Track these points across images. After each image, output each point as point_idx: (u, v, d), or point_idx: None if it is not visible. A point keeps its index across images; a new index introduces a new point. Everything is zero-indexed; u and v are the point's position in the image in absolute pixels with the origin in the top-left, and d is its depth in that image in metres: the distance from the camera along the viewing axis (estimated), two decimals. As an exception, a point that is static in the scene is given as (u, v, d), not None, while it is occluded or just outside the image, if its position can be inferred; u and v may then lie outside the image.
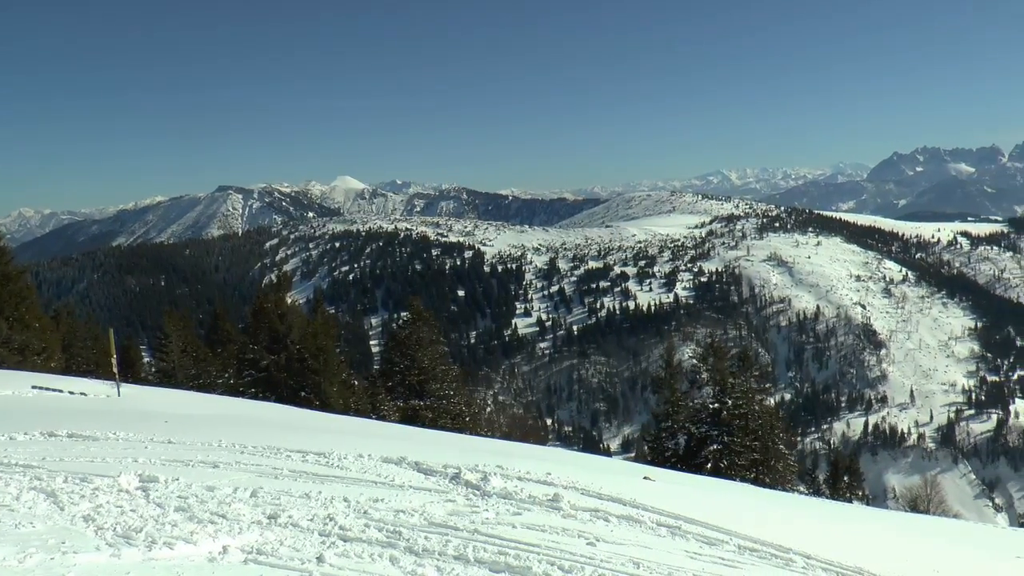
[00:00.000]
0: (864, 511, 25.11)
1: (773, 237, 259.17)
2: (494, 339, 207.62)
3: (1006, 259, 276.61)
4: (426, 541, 8.13)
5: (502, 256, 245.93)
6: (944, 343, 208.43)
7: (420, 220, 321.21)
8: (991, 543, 18.27)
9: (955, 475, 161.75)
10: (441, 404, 37.00)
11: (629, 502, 11.15)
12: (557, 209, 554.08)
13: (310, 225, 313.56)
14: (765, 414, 34.55)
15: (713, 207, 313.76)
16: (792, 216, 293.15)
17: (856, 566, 9.80)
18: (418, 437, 20.60)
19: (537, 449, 25.17)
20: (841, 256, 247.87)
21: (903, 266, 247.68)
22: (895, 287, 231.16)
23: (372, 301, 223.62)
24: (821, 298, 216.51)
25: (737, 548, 9.79)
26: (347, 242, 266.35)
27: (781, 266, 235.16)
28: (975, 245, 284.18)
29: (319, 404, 31.42)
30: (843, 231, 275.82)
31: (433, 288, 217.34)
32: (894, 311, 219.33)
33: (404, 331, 38.79)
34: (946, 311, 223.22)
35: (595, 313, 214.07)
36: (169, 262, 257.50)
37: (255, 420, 19.58)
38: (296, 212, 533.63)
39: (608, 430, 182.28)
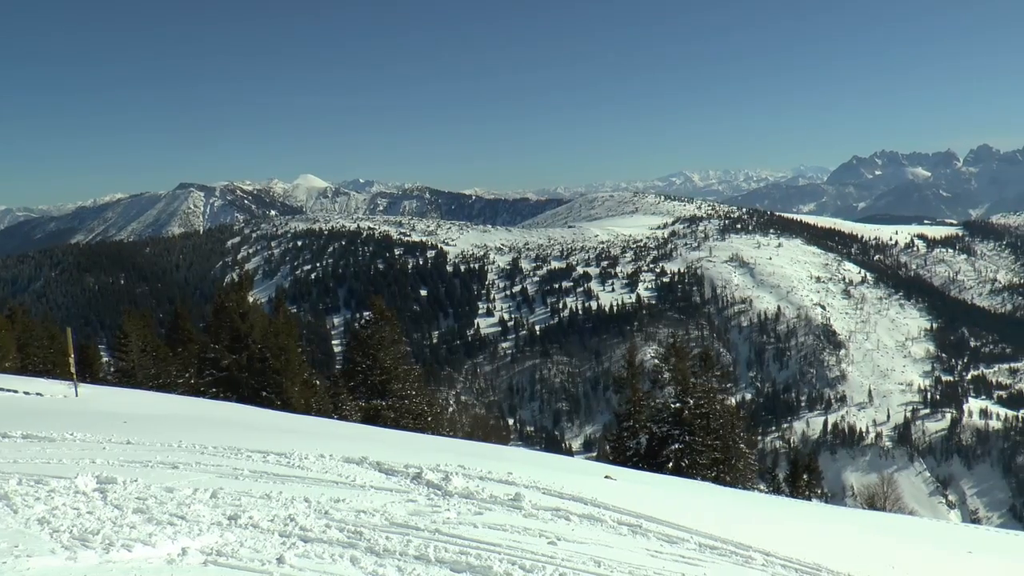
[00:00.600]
0: (823, 509, 25.39)
1: (735, 238, 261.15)
2: (456, 339, 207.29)
3: (960, 261, 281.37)
4: (387, 541, 8.11)
5: (465, 256, 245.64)
6: (901, 343, 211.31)
7: (383, 219, 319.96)
8: (944, 539, 18.55)
9: (911, 473, 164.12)
10: (403, 404, 36.88)
11: (591, 501, 11.19)
12: (520, 209, 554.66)
13: (272, 223, 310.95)
14: (726, 413, 34.80)
15: (675, 208, 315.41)
16: (754, 218, 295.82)
17: (815, 563, 9.91)
18: (380, 437, 20.54)
19: (499, 449, 25.18)
20: (802, 257, 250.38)
21: (862, 268, 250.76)
22: (854, 288, 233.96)
23: (334, 300, 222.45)
24: (782, 299, 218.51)
25: (698, 546, 9.86)
26: (309, 241, 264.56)
27: (743, 267, 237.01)
28: (931, 248, 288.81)
29: (281, 404, 31.22)
30: (804, 233, 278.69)
31: (396, 287, 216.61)
32: (853, 312, 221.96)
33: (366, 331, 38.65)
34: (903, 312, 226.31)
35: (558, 313, 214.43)
36: (129, 260, 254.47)
37: (216, 420, 19.43)
38: (258, 210, 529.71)
39: (570, 430, 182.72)
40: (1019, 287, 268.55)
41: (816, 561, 10.00)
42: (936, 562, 13.47)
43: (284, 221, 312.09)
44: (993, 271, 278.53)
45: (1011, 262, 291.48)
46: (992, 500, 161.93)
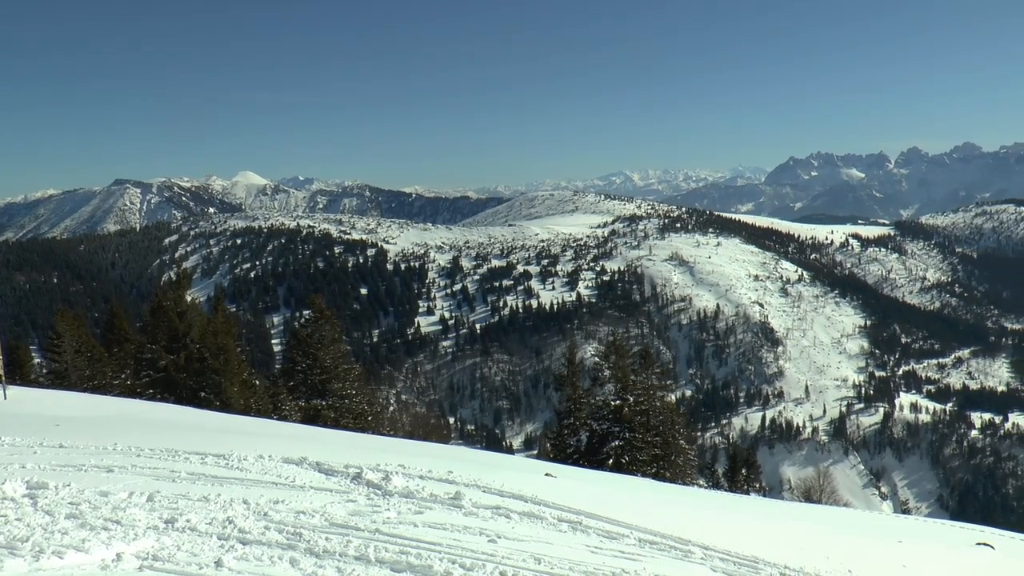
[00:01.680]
0: (761, 502, 25.74)
1: (674, 237, 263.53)
2: (397, 337, 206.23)
3: (892, 260, 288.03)
4: (327, 542, 8.07)
5: (405, 254, 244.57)
6: (837, 340, 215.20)
7: (323, 217, 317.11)
8: (877, 529, 19.00)
9: (846, 466, 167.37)
10: (343, 403, 36.64)
11: (531, 499, 11.24)
12: (460, 207, 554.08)
13: (211, 221, 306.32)
14: (666, 410, 35.12)
15: (615, 207, 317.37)
16: (693, 217, 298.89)
17: (752, 555, 10.08)
18: (320, 437, 20.40)
19: (439, 448, 25.15)
20: (740, 256, 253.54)
21: (799, 266, 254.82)
22: (791, 287, 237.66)
23: (274, 299, 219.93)
24: (721, 297, 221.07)
25: (637, 541, 9.96)
26: (249, 239, 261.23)
27: (682, 266, 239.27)
28: (865, 247, 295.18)
29: (219, 405, 30.83)
30: (742, 232, 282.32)
31: (336, 286, 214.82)
32: (790, 310, 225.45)
33: (306, 330, 38.30)
34: (839, 310, 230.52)
35: (498, 311, 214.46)
36: (62, 258, 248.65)
37: (152, 422, 19.13)
38: (197, 208, 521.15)
39: (511, 428, 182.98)
40: (946, 285, 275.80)
41: (754, 553, 10.17)
42: (868, 551, 13.79)
43: (223, 219, 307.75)
44: (923, 270, 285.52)
45: (939, 261, 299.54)
46: (921, 491, 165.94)
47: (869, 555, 13.30)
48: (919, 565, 13.26)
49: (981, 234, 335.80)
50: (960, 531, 23.24)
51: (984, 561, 15.57)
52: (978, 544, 18.84)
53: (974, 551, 17.26)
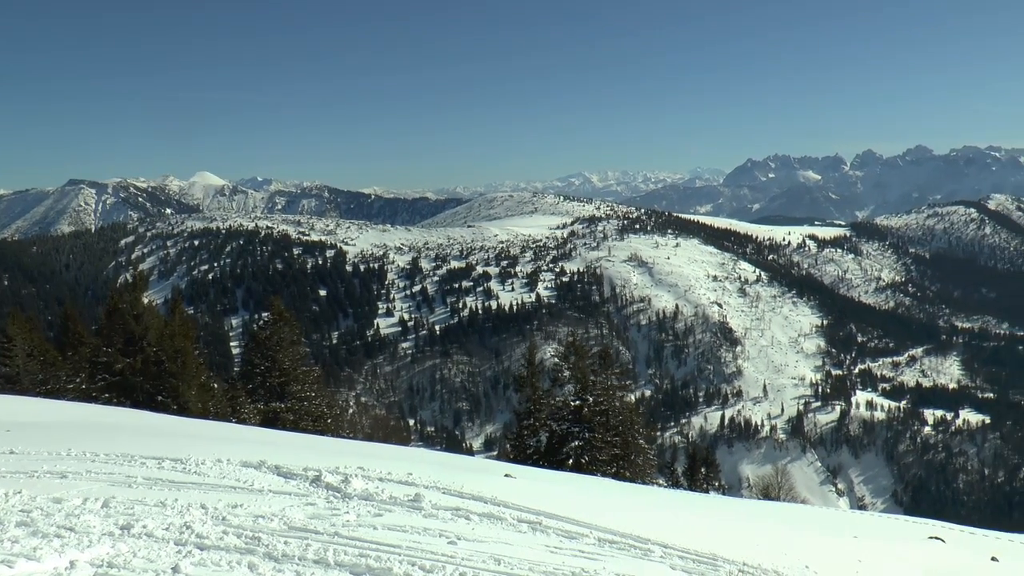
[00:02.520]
0: (720, 500, 25.97)
1: (633, 238, 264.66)
2: (356, 339, 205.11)
3: (848, 261, 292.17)
4: (285, 546, 8.03)
5: (364, 255, 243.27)
6: (794, 340, 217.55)
7: (282, 218, 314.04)
8: (833, 525, 19.28)
9: (803, 463, 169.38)
10: (302, 406, 36.36)
11: (490, 500, 11.26)
12: (420, 208, 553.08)
13: (168, 222, 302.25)
14: (625, 410, 35.26)
15: (575, 208, 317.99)
16: (652, 218, 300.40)
17: (711, 552, 10.18)
18: (278, 440, 20.27)
19: (399, 450, 25.07)
20: (699, 257, 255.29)
21: (757, 267, 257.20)
22: (749, 287, 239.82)
23: (232, 301, 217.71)
24: (680, 297, 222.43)
25: (597, 541, 10.02)
26: (207, 240, 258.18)
27: (641, 266, 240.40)
28: (821, 248, 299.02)
29: (177, 408, 30.49)
30: (701, 233, 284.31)
31: (294, 288, 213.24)
32: (749, 310, 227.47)
33: (265, 332, 37.96)
34: (796, 310, 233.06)
35: (457, 313, 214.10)
36: (14, 260, 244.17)
37: (108, 427, 18.89)
38: (153, 208, 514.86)
39: (471, 429, 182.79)
40: (900, 285, 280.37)
41: (712, 551, 10.28)
42: (825, 547, 13.99)
43: (180, 220, 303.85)
44: (877, 270, 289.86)
45: (893, 261, 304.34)
46: (877, 487, 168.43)
47: (825, 550, 13.49)
48: (873, 559, 13.47)
49: (933, 235, 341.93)
50: (913, 525, 23.67)
51: (935, 554, 15.86)
52: (930, 538, 19.21)
53: (926, 545, 17.60)
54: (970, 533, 23.50)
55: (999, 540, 22.35)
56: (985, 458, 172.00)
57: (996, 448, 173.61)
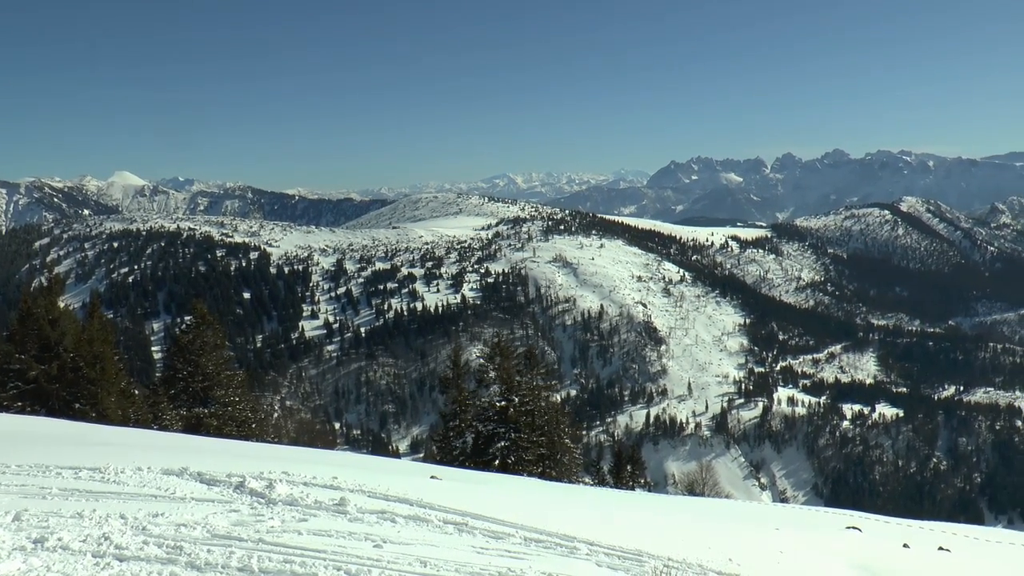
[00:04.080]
0: (646, 497, 26.34)
1: (558, 239, 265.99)
2: (281, 342, 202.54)
3: (770, 261, 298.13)
4: (209, 555, 7.94)
5: (288, 257, 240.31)
6: (718, 338, 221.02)
7: (204, 219, 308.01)
8: (755, 518, 19.75)
9: (727, 459, 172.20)
10: (226, 411, 35.81)
11: (416, 502, 11.26)
12: (344, 209, 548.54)
13: (85, 224, 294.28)
14: (551, 410, 35.49)
15: (499, 209, 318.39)
16: (576, 219, 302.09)
17: (636, 548, 10.33)
18: (202, 446, 19.95)
19: (324, 454, 24.89)
20: (623, 258, 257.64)
21: (681, 267, 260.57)
22: (673, 287, 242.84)
23: (154, 305, 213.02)
24: (605, 298, 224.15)
25: (523, 540, 10.09)
26: (126, 242, 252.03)
27: (566, 267, 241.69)
28: (743, 248, 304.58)
29: (96, 416, 29.77)
30: (625, 234, 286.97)
31: (218, 290, 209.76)
32: (673, 309, 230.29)
33: (187, 336, 37.27)
34: (719, 309, 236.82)
35: (383, 314, 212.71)
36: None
37: (21, 436, 18.36)
38: (70, 209, 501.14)
39: (397, 432, 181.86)
40: (819, 284, 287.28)
41: (638, 547, 10.43)
42: (747, 539, 14.30)
43: (99, 221, 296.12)
44: (798, 270, 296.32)
45: (812, 261, 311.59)
46: (798, 480, 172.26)
47: (748, 543, 13.79)
48: (794, 550, 13.81)
49: (850, 236, 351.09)
50: (832, 516, 24.36)
51: (852, 543, 16.35)
52: (848, 528, 19.88)
53: (844, 534, 18.18)
54: (885, 522, 24.35)
55: (911, 528, 23.24)
56: (899, 450, 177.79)
57: (909, 440, 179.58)
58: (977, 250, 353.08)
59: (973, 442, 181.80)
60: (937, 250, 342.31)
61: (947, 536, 21.58)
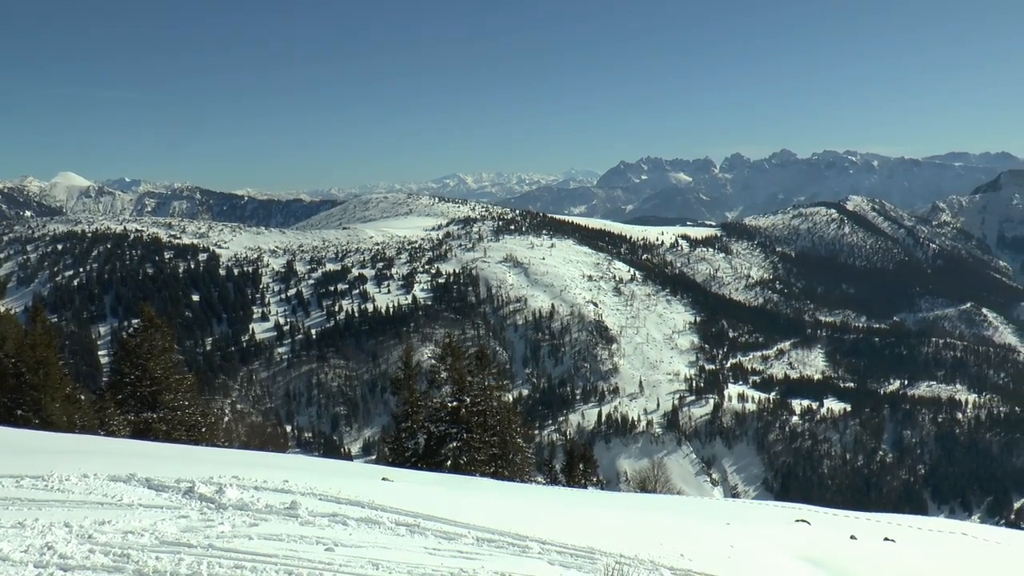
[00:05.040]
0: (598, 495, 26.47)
1: (509, 239, 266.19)
2: (231, 345, 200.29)
3: (719, 260, 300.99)
4: (157, 562, 7.85)
5: (238, 259, 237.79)
6: (669, 336, 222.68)
7: (152, 221, 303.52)
8: (707, 514, 19.95)
9: (679, 456, 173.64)
10: (176, 415, 35.32)
11: (368, 504, 11.24)
12: (294, 210, 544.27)
13: (28, 225, 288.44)
14: (503, 410, 35.52)
15: (450, 210, 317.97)
16: (527, 219, 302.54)
17: (588, 546, 10.40)
18: (150, 452, 19.70)
19: (275, 457, 24.69)
20: (574, 257, 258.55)
21: (631, 266, 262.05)
22: (624, 286, 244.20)
23: (100, 308, 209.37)
24: (556, 297, 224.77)
25: (475, 540, 10.12)
26: (71, 244, 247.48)
27: (517, 267, 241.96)
28: (693, 247, 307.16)
29: (39, 423, 29.23)
30: (575, 234, 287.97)
31: (166, 293, 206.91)
32: (624, 308, 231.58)
33: (135, 339, 36.70)
34: (670, 307, 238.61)
35: (334, 316, 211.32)
36: None
37: (-39, 444, 18.00)
38: (11, 211, 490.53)
39: (349, 434, 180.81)
40: (768, 282, 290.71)
41: (590, 544, 10.51)
42: (699, 535, 14.46)
43: (42, 223, 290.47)
44: (747, 268, 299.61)
45: (761, 260, 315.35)
46: (749, 475, 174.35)
47: (700, 538, 13.95)
48: (745, 544, 14.00)
49: (798, 234, 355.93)
50: (782, 510, 24.70)
51: (801, 535, 16.63)
52: (797, 521, 20.20)
53: (793, 527, 18.49)
54: (833, 514, 24.75)
55: (858, 520, 23.67)
56: (847, 443, 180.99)
57: (856, 434, 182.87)
58: (920, 247, 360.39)
59: (917, 435, 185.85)
60: (882, 248, 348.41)
61: (892, 527, 22.02)
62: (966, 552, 18.39)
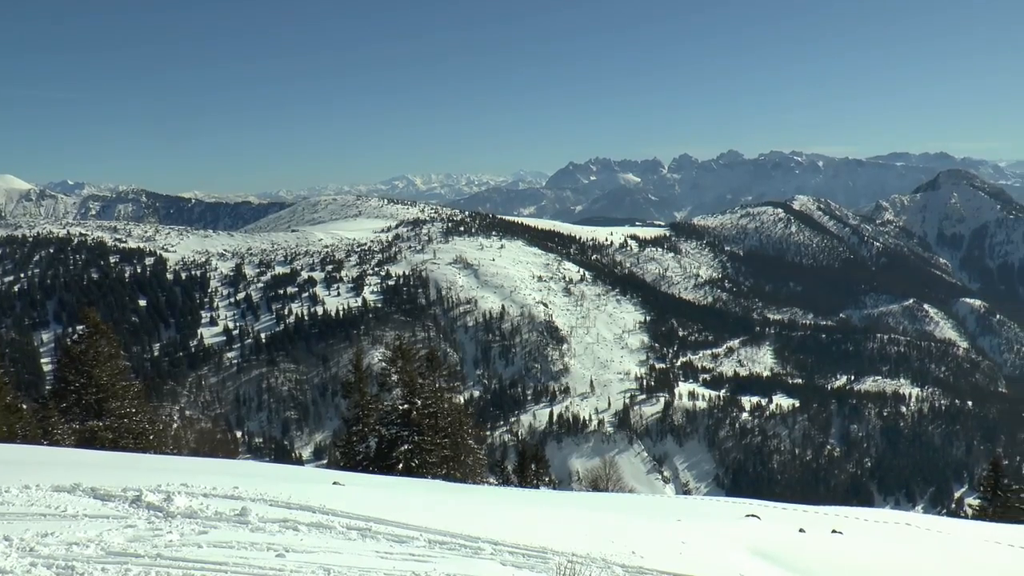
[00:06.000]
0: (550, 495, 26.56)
1: (458, 240, 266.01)
2: (179, 350, 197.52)
3: (669, 259, 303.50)
4: (103, 573, 7.75)
5: (186, 262, 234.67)
6: (619, 336, 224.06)
7: (96, 224, 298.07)
8: (658, 511, 20.12)
9: (631, 454, 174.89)
10: (123, 423, 34.79)
11: (319, 509, 11.18)
12: (242, 213, 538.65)
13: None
14: (454, 412, 35.58)
15: (399, 211, 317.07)
16: (476, 220, 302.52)
17: (541, 546, 10.44)
18: (96, 461, 19.39)
19: (225, 463, 24.45)
20: (524, 258, 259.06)
21: (581, 267, 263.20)
22: (574, 286, 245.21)
23: (42, 315, 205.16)
24: (506, 298, 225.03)
25: (428, 543, 10.12)
26: (11, 249, 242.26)
27: (467, 268, 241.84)
28: (643, 247, 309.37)
29: (-22, 433, 28.64)
30: (525, 235, 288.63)
31: (112, 298, 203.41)
32: (574, 308, 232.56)
33: (79, 346, 36.09)
34: (620, 307, 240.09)
35: (283, 320, 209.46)
36: None
37: None
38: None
39: (300, 438, 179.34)
40: (717, 281, 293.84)
41: (542, 544, 10.55)
42: (651, 532, 14.58)
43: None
44: (696, 267, 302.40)
45: (710, 259, 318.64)
46: (700, 472, 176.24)
47: (651, 535, 14.07)
48: (696, 540, 14.16)
49: (746, 234, 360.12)
50: (732, 506, 25.00)
51: (752, 530, 16.86)
52: (747, 516, 20.49)
53: (744, 522, 18.76)
54: (782, 508, 25.15)
55: (806, 513, 24.07)
56: (795, 438, 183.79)
57: (804, 429, 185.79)
58: (864, 245, 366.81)
59: (863, 428, 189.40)
60: (828, 246, 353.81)
61: (840, 519, 22.42)
62: (909, 541, 18.80)
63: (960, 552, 17.81)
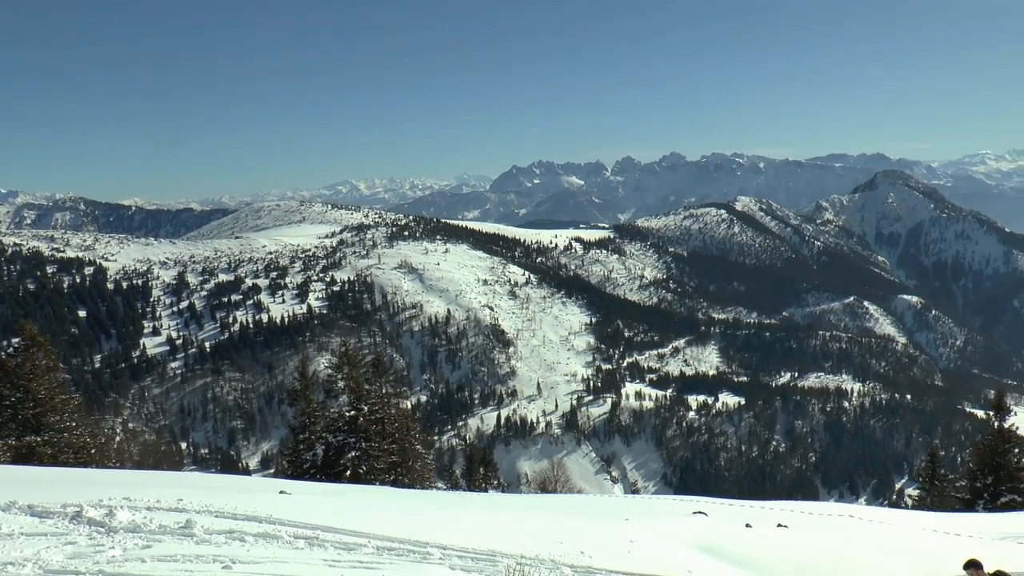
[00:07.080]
0: (498, 498, 26.59)
1: (403, 245, 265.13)
2: (121, 362, 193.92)
3: (613, 261, 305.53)
4: (42, 590, 7.60)
5: (127, 271, 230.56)
6: (565, 338, 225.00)
7: (32, 234, 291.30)
8: (607, 511, 20.29)
9: (579, 455, 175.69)
10: (62, 438, 34.14)
11: (265, 519, 11.09)
12: (184, 220, 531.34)
13: None
14: (401, 417, 35.48)
15: (343, 217, 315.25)
16: (421, 225, 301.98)
17: (489, 549, 10.47)
18: (33, 477, 19.01)
19: (170, 476, 24.11)
20: (468, 262, 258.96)
21: (526, 270, 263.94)
22: (520, 289, 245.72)
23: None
24: (451, 302, 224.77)
25: (376, 549, 10.09)
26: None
27: (412, 273, 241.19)
28: (587, 249, 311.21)
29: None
30: (469, 238, 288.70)
31: (50, 309, 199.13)
32: (520, 311, 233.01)
33: (15, 359, 35.33)
34: (565, 309, 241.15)
35: (228, 328, 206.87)
36: None
37: None
38: None
39: (246, 448, 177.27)
40: (662, 282, 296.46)
41: (491, 547, 10.58)
42: (599, 532, 14.68)
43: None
44: (641, 268, 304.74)
45: (655, 260, 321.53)
46: (648, 471, 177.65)
47: (600, 535, 14.17)
48: (644, 538, 14.28)
49: (689, 235, 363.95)
50: (680, 503, 25.27)
51: (699, 527, 17.06)
52: (695, 513, 20.72)
53: (691, 519, 18.96)
54: (729, 505, 25.45)
55: (752, 508, 24.40)
56: (741, 435, 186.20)
57: (750, 426, 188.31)
58: (805, 245, 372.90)
59: (808, 424, 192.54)
60: (770, 246, 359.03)
61: (785, 514, 22.79)
62: (852, 532, 19.19)
63: (896, 541, 18.23)
